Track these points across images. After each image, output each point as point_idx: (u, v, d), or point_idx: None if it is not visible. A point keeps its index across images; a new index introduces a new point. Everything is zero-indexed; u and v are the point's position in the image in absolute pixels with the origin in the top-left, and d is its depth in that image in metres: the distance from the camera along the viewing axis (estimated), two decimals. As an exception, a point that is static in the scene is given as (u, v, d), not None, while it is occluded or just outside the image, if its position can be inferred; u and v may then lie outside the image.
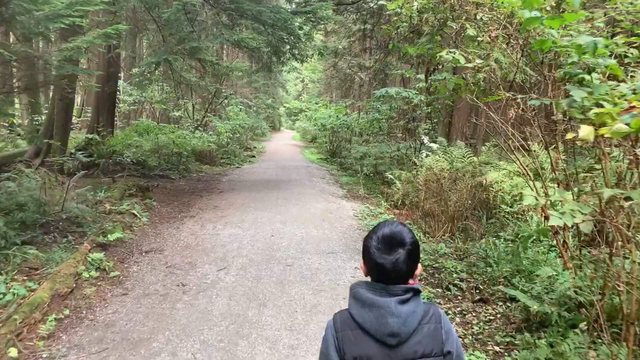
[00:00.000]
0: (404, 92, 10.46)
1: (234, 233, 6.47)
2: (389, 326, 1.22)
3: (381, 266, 1.27)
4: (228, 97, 18.89)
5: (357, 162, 14.44)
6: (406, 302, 1.26)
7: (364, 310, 1.26)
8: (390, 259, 1.26)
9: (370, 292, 1.28)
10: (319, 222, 7.31)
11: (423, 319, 1.28)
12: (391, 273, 1.27)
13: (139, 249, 5.69)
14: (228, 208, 8.19)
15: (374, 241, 1.30)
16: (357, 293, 1.30)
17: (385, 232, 1.31)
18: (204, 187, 10.95)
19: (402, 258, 1.26)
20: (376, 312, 1.24)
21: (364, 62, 19.55)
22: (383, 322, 1.23)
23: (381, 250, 1.27)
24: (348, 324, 1.30)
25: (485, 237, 6.48)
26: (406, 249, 1.28)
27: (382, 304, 1.24)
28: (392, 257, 1.26)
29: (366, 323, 1.25)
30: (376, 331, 1.24)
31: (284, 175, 13.33)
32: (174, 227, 6.79)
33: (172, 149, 13.24)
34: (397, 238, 1.29)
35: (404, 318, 1.23)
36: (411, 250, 1.29)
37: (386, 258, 1.26)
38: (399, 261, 1.26)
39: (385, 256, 1.27)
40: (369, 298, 1.26)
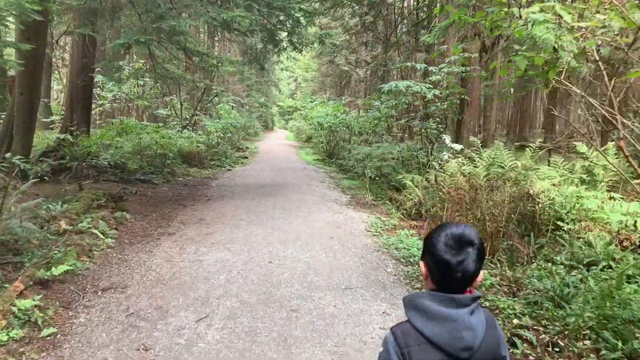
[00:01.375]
0: (415, 86, 9.06)
1: (222, 259, 5.01)
2: (465, 340, 1.13)
3: (448, 264, 1.17)
4: (219, 95, 17.36)
5: (358, 163, 13.03)
6: (474, 312, 1.17)
7: (433, 324, 1.15)
8: (459, 257, 1.16)
9: (436, 303, 1.16)
10: (326, 240, 5.87)
11: (486, 325, 1.19)
12: (457, 273, 1.16)
13: (94, 286, 4.21)
14: (215, 222, 6.72)
15: (442, 237, 1.20)
16: (421, 305, 1.18)
17: (454, 231, 1.21)
18: (189, 193, 9.46)
19: (471, 257, 1.17)
20: (449, 325, 1.14)
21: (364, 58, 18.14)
22: (458, 337, 1.13)
23: (450, 247, 1.18)
24: (413, 338, 1.17)
25: (537, 261, 5.10)
26: (476, 248, 1.19)
27: (455, 317, 1.14)
28: (461, 256, 1.17)
29: (437, 337, 1.14)
30: (449, 346, 1.13)
31: (280, 179, 11.87)
32: (146, 250, 5.30)
33: (155, 150, 11.71)
34: (467, 237, 1.19)
35: (476, 330, 1.15)
36: (480, 250, 1.20)
37: (455, 256, 1.17)
38: (468, 260, 1.17)
39: (454, 252, 1.17)
40: (438, 310, 1.15)
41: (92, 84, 11.14)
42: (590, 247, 4.91)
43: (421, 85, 9.13)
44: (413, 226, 7.33)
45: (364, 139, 16.67)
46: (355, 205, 8.72)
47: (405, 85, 9.17)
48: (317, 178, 12.38)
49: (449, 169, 6.89)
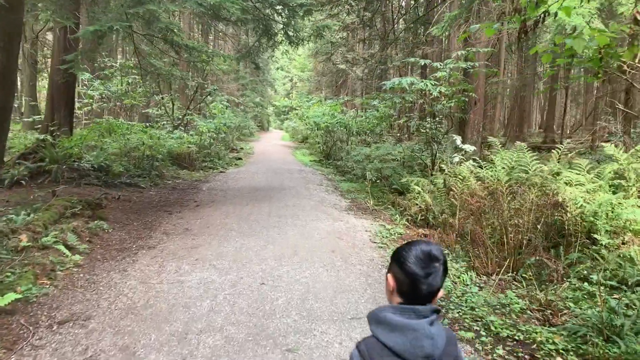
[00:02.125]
0: (420, 83, 8.35)
1: (206, 279, 4.26)
2: (425, 349, 1.16)
3: (418, 279, 1.21)
4: (212, 93, 16.58)
5: (357, 165, 12.32)
6: (433, 323, 1.20)
7: (395, 335, 1.17)
8: (428, 271, 1.21)
9: (398, 315, 1.20)
10: (327, 254, 5.13)
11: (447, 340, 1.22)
12: (424, 286, 1.21)
13: (50, 317, 3.46)
14: (202, 232, 5.97)
15: (413, 252, 1.24)
16: (384, 318, 1.20)
17: (424, 248, 1.25)
18: (177, 198, 8.70)
19: (438, 273, 1.22)
20: (410, 335, 1.17)
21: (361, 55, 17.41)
22: (418, 345, 1.16)
23: (420, 261, 1.22)
24: (377, 351, 1.18)
25: (569, 279, 4.40)
26: (442, 264, 1.23)
27: (416, 327, 1.17)
28: (429, 270, 1.21)
29: (399, 347, 1.16)
30: (410, 354, 1.15)
31: (276, 182, 11.12)
32: (120, 268, 4.55)
33: (143, 152, 10.94)
34: (435, 254, 1.23)
35: (436, 339, 1.18)
36: (445, 267, 1.25)
37: (424, 269, 1.21)
38: (435, 275, 1.22)
39: (423, 267, 1.21)
40: (400, 321, 1.18)
41: (75, 81, 10.35)
42: (633, 263, 4.22)
43: (426, 82, 8.42)
44: (421, 235, 6.62)
45: (362, 139, 15.98)
46: (356, 211, 8.00)
47: (409, 82, 8.46)
48: (315, 181, 11.65)
49: (461, 173, 6.18)
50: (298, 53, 44.77)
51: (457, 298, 4.11)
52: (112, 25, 5.18)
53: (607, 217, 4.61)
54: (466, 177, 6.09)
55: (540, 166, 5.11)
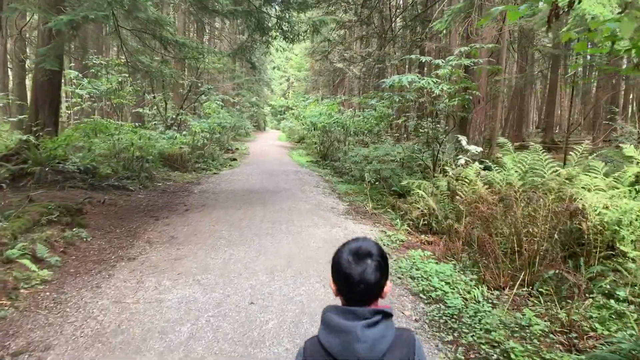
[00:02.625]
0: (421, 81, 7.88)
1: (188, 298, 3.77)
2: (356, 352, 1.11)
3: (350, 277, 1.19)
4: (206, 92, 16.06)
5: (355, 166, 11.85)
6: (374, 325, 1.15)
7: (331, 336, 1.16)
8: (358, 268, 1.19)
9: (338, 316, 1.17)
10: (324, 267, 4.65)
11: (394, 344, 1.16)
12: (359, 284, 1.18)
13: (3, 347, 2.96)
14: (189, 241, 5.47)
15: (344, 254, 1.23)
16: (326, 318, 1.20)
17: (355, 245, 1.24)
18: (166, 202, 8.20)
19: (370, 268, 1.19)
20: (343, 337, 1.14)
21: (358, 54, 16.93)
22: (350, 349, 1.12)
23: (349, 261, 1.20)
24: (316, 350, 1.18)
25: (592, 295, 3.94)
26: (374, 259, 1.21)
27: (348, 329, 1.14)
28: (360, 267, 1.19)
29: (333, 349, 1.14)
30: (342, 357, 1.12)
31: (270, 184, 10.64)
32: (93, 284, 4.05)
33: (132, 153, 10.43)
34: (364, 249, 1.22)
35: (371, 343, 1.12)
36: (379, 261, 1.22)
37: (354, 268, 1.19)
38: (367, 271, 1.18)
39: (353, 266, 1.19)
40: (336, 323, 1.16)
41: (60, 79, 9.82)
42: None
43: (427, 80, 7.95)
44: (424, 242, 6.16)
45: (360, 140, 15.51)
46: (355, 215, 7.52)
47: (409, 80, 7.98)
48: (311, 182, 11.17)
49: (468, 175, 5.72)
50: (295, 52, 44.26)
51: (469, 318, 3.64)
52: (87, 15, 4.69)
53: (632, 225, 4.15)
54: (473, 180, 5.62)
55: (557, 169, 4.65)
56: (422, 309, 3.79)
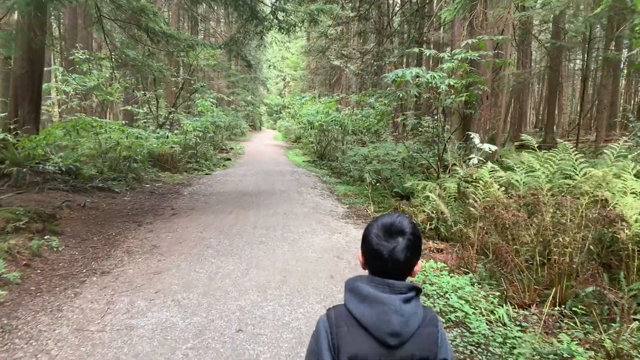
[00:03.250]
0: (426, 75, 7.28)
1: (165, 323, 3.15)
2: (392, 325, 1.06)
3: (379, 253, 1.13)
4: (199, 90, 15.41)
5: (354, 166, 11.25)
6: (409, 301, 1.10)
7: (364, 306, 1.09)
8: (388, 245, 1.13)
9: (371, 286, 1.11)
10: (324, 282, 4.03)
11: (423, 321, 1.12)
12: (388, 262, 1.12)
13: None
14: (172, 250, 4.85)
15: (374, 228, 1.17)
16: (357, 287, 1.13)
17: (386, 221, 1.17)
18: (153, 205, 7.56)
19: (400, 246, 1.12)
20: (378, 308, 1.08)
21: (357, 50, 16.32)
22: (386, 320, 1.07)
23: (380, 237, 1.15)
24: (344, 319, 1.11)
25: (638, 318, 3.35)
26: (406, 237, 1.14)
27: (385, 300, 1.08)
28: (390, 244, 1.13)
29: (366, 319, 1.08)
30: (377, 329, 1.07)
31: (265, 185, 10.01)
32: (54, 306, 3.42)
33: (119, 153, 9.78)
34: (397, 226, 1.15)
35: (407, 318, 1.08)
36: (411, 240, 1.14)
37: (384, 245, 1.13)
38: (397, 249, 1.12)
39: (383, 243, 1.13)
40: (370, 293, 1.10)
41: (41, 73, 9.16)
42: None
43: (433, 74, 7.36)
44: (433, 249, 5.57)
45: (358, 139, 14.92)
46: (356, 219, 6.92)
47: (413, 74, 7.38)
48: (308, 183, 10.56)
49: (483, 177, 5.12)
50: (291, 52, 43.63)
51: (498, 347, 3.05)
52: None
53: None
54: (488, 182, 5.02)
55: (591, 170, 4.07)
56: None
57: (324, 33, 14.98)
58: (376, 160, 10.38)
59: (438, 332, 1.14)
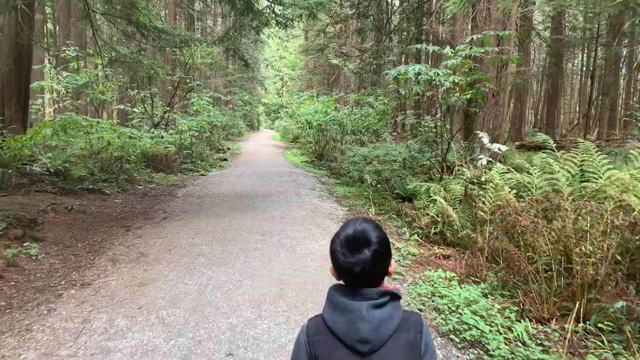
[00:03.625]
0: (430, 72, 6.93)
1: (146, 346, 2.79)
2: (359, 332, 1.05)
3: (347, 270, 1.09)
4: (194, 89, 15.03)
5: (353, 166, 10.90)
6: (381, 306, 1.07)
7: (336, 315, 1.08)
8: (355, 261, 1.08)
9: (343, 295, 1.10)
10: (324, 296, 3.68)
11: (401, 326, 1.08)
12: (358, 276, 1.08)
13: None
14: (161, 259, 4.48)
15: (337, 245, 1.12)
16: (332, 296, 1.12)
17: (348, 234, 1.11)
18: (144, 208, 7.20)
19: (368, 259, 1.08)
20: (347, 316, 1.06)
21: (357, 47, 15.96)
22: (353, 327, 1.05)
23: (346, 255, 1.09)
24: (320, 328, 1.11)
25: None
26: (372, 249, 1.09)
27: (353, 308, 1.06)
28: (357, 258, 1.08)
29: (337, 328, 1.07)
30: (346, 336, 1.06)
31: (262, 186, 9.65)
32: (23, 325, 3.05)
33: (111, 153, 9.40)
34: (361, 238, 1.10)
35: (376, 324, 1.05)
36: (378, 249, 1.09)
37: (351, 261, 1.08)
38: (365, 262, 1.07)
39: (350, 260, 1.08)
40: (340, 301, 1.09)
41: (28, 70, 8.78)
42: None
43: (436, 70, 7.01)
44: (439, 256, 5.22)
45: (357, 139, 14.57)
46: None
47: (416, 71, 7.04)
48: (306, 184, 10.20)
49: (493, 179, 4.77)
50: (289, 51, 43.23)
51: (521, 373, 2.70)
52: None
53: None
54: (499, 184, 4.67)
55: (616, 172, 3.72)
56: (456, 358, 2.83)
57: (322, 30, 14.60)
58: (376, 161, 10.04)
59: (422, 338, 1.11)
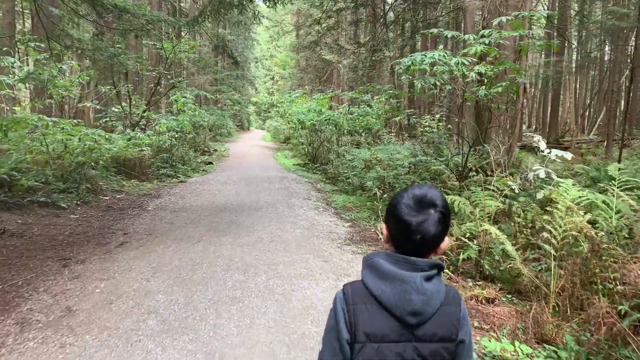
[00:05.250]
0: (451, 61, 5.53)
1: None
2: (413, 303, 1.00)
3: (408, 225, 1.03)
4: (177, 86, 13.48)
5: (351, 171, 9.50)
6: (431, 278, 1.03)
7: (383, 283, 1.02)
8: (419, 218, 1.03)
9: (391, 263, 1.04)
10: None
11: (445, 299, 1.05)
12: (417, 235, 1.02)
13: None
14: (92, 321, 3.01)
15: (404, 199, 1.06)
16: (376, 263, 1.05)
17: (416, 192, 1.07)
18: (102, 227, 5.71)
19: (431, 219, 1.03)
20: (398, 286, 1.01)
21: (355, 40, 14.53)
22: (406, 299, 1.00)
23: (410, 208, 1.04)
24: (362, 296, 1.04)
25: None
26: (438, 210, 1.04)
27: (406, 278, 1.01)
28: (421, 217, 1.03)
29: (385, 297, 1.01)
30: (397, 307, 1.00)
31: (249, 196, 8.19)
32: None
33: (71, 159, 7.87)
34: (429, 198, 1.05)
35: (429, 296, 1.01)
36: (442, 214, 1.05)
37: (415, 216, 1.03)
38: (428, 222, 1.02)
39: (414, 213, 1.03)
40: (390, 270, 1.02)
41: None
42: None
43: (459, 59, 5.62)
44: (480, 299, 3.83)
45: (354, 140, 13.16)
46: (365, 247, 5.15)
47: (435, 58, 5.64)
48: (300, 192, 8.76)
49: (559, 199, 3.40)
50: (279, 50, 41.69)
51: None
52: None
53: None
54: (569, 207, 3.29)
55: None
56: None
57: (317, 21, 13.14)
58: (379, 166, 8.64)
59: (460, 311, 1.07)
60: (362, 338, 1.01)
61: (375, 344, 1.00)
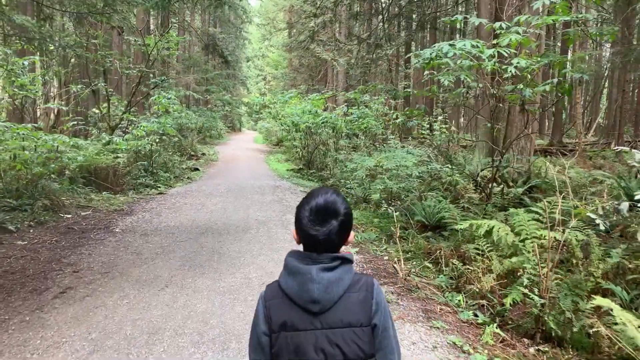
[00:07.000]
0: (486, 51, 4.36)
1: None
2: (310, 292, 1.06)
3: (313, 237, 1.10)
4: (160, 85, 12.16)
5: (353, 179, 8.31)
6: (331, 269, 1.08)
7: (289, 278, 1.10)
8: (323, 230, 1.09)
9: (296, 260, 1.11)
10: None
11: (351, 287, 1.10)
12: (323, 244, 1.10)
13: None
14: None
15: (306, 212, 1.11)
16: (287, 262, 1.13)
17: (319, 203, 1.11)
18: (47, 261, 4.43)
19: (334, 229, 1.09)
20: (299, 278, 1.08)
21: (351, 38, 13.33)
22: (305, 289, 1.07)
23: (313, 222, 1.10)
24: (275, 292, 1.13)
25: None
26: (339, 219, 1.10)
27: (304, 271, 1.08)
28: (325, 228, 1.09)
29: (289, 290, 1.09)
30: (298, 297, 1.08)
31: (237, 212, 6.94)
32: None
33: (28, 170, 6.57)
34: (331, 209, 1.10)
35: (326, 284, 1.07)
36: (344, 220, 1.12)
37: (319, 230, 1.09)
38: (332, 233, 1.09)
39: (317, 228, 1.09)
40: (294, 266, 1.10)
41: None
42: None
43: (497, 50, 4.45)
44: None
45: (352, 143, 11.98)
46: (383, 286, 3.93)
47: (467, 48, 4.46)
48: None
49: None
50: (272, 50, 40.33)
51: None
52: None
53: None
54: None
55: None
56: None
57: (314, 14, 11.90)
58: (386, 176, 7.44)
59: (372, 298, 1.11)
60: (276, 328, 1.07)
61: (287, 332, 1.06)
